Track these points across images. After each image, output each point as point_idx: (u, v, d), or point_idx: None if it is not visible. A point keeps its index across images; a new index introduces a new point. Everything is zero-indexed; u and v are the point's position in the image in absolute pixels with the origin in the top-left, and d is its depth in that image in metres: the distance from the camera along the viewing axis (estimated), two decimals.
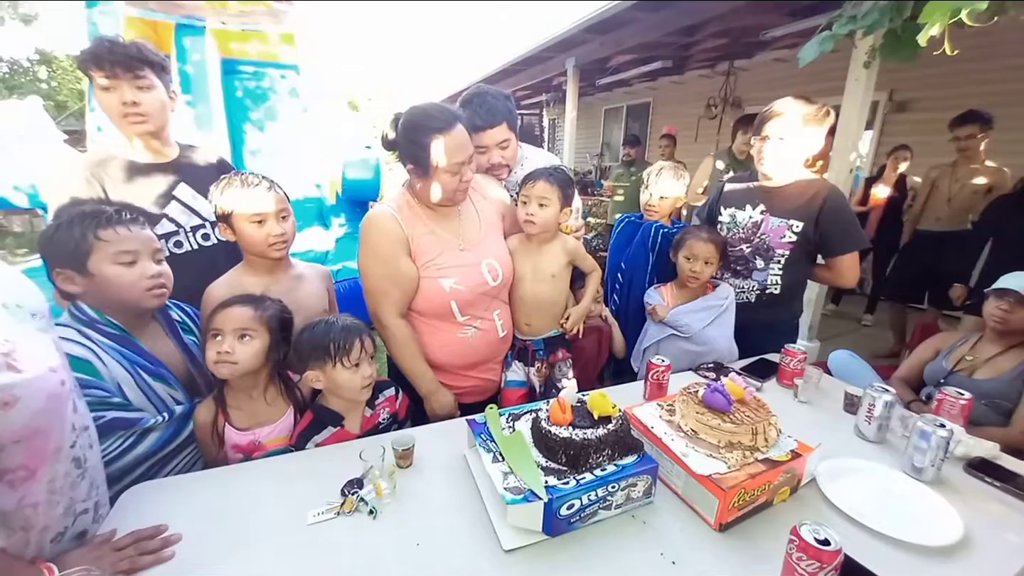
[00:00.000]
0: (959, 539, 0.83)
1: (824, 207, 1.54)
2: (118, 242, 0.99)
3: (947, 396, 1.15)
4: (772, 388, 1.43)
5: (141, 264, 1.03)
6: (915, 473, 1.01)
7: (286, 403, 1.13)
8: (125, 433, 0.97)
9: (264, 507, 0.90)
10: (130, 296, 1.02)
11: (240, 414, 1.09)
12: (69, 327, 0.97)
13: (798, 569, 0.69)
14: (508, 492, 0.81)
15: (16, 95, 6.99)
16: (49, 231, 0.99)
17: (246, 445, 1.09)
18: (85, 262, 0.97)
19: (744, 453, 0.92)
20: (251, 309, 1.06)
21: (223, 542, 0.82)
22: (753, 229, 1.67)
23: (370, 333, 1.14)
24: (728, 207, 1.75)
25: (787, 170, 1.60)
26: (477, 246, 1.35)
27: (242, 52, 3.95)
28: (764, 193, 1.66)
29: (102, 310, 1.01)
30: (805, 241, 1.59)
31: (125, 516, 0.87)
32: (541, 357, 1.47)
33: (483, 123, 1.44)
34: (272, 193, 1.22)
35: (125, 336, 1.02)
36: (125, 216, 1.03)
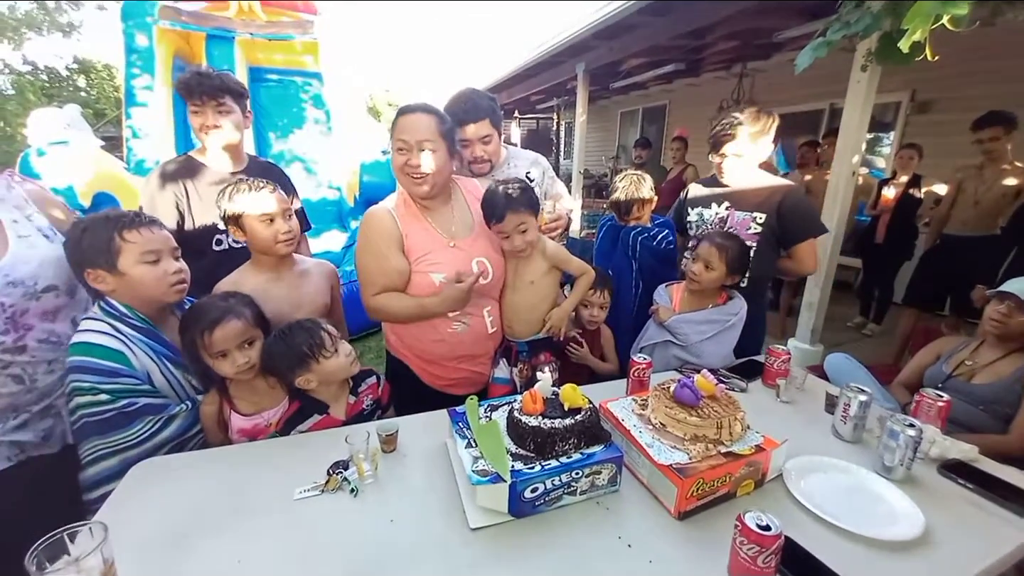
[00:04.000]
0: (917, 536, 0.85)
1: (784, 200, 1.68)
2: (143, 243, 1.09)
3: (925, 398, 1.16)
4: (757, 388, 1.45)
5: (164, 262, 1.13)
6: (885, 472, 1.02)
7: (284, 390, 1.22)
8: (154, 418, 1.07)
9: (257, 484, 0.98)
10: (156, 292, 1.13)
11: (244, 402, 1.18)
12: (100, 321, 1.06)
13: (740, 552, 0.73)
14: (475, 474, 0.86)
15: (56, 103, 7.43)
16: (75, 235, 1.08)
17: (251, 429, 1.17)
18: (116, 262, 1.07)
19: (707, 446, 0.96)
20: (238, 320, 1.12)
21: (219, 513, 0.90)
22: (720, 224, 1.78)
23: (327, 320, 1.24)
24: (695, 207, 1.88)
25: (744, 177, 1.76)
26: (468, 244, 1.41)
27: (268, 61, 4.14)
28: (727, 193, 1.79)
29: (131, 305, 1.10)
30: (770, 232, 1.70)
31: (135, 486, 0.97)
32: (524, 359, 1.52)
33: (466, 117, 1.56)
34: (276, 195, 1.32)
35: (151, 329, 1.12)
36: (145, 219, 1.13)
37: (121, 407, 1.03)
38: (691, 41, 4.34)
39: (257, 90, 4.07)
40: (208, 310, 1.11)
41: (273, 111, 4.21)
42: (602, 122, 9.80)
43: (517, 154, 1.83)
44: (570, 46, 4.94)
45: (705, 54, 5.16)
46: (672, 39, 4.04)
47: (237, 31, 3.88)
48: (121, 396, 1.03)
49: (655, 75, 6.15)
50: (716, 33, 4.05)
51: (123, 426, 1.03)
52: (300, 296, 1.36)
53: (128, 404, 1.03)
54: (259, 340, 1.16)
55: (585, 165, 6.53)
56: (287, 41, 4.09)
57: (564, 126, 10.65)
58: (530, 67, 6.29)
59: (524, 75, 6.78)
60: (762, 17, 3.65)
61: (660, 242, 1.83)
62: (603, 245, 1.91)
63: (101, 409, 1.01)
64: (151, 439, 1.06)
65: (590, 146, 9.51)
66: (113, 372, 1.02)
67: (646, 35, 4.12)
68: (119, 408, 1.02)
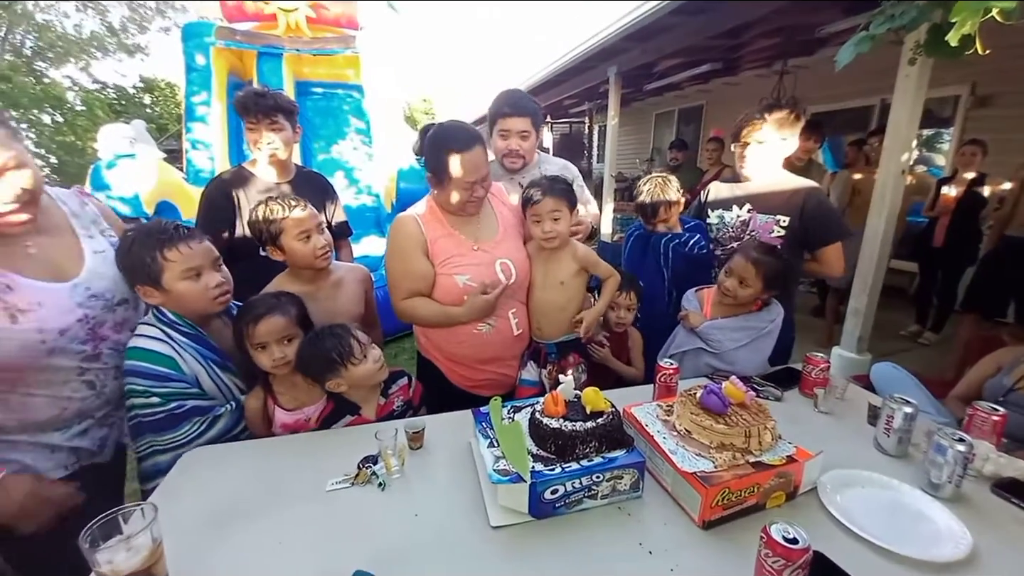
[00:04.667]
0: (963, 557, 0.80)
1: (806, 202, 1.64)
2: (183, 260, 1.12)
3: (978, 411, 1.08)
4: (793, 397, 1.39)
5: (205, 276, 1.17)
6: (932, 489, 0.96)
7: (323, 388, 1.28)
8: (201, 419, 1.15)
9: (293, 474, 1.04)
10: (200, 306, 1.18)
11: (286, 397, 1.24)
12: (154, 327, 1.14)
13: (765, 565, 0.71)
14: (496, 473, 0.88)
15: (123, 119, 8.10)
16: (122, 251, 1.13)
17: (293, 423, 1.24)
18: (160, 280, 1.11)
19: (735, 455, 0.93)
20: (282, 317, 1.19)
21: (258, 500, 0.96)
22: (742, 227, 1.74)
23: (357, 326, 1.26)
24: (715, 209, 1.84)
25: (766, 172, 1.72)
26: (492, 247, 1.44)
27: (313, 75, 4.38)
28: (748, 194, 1.75)
29: (179, 313, 1.17)
30: (792, 236, 1.65)
31: (184, 475, 1.04)
32: (553, 360, 1.52)
33: (510, 111, 1.67)
34: (309, 210, 1.38)
35: (199, 335, 1.19)
36: (183, 233, 1.15)
37: (171, 409, 1.11)
38: (728, 40, 4.22)
39: (303, 103, 4.29)
40: (257, 304, 1.19)
41: (317, 122, 4.43)
42: (636, 124, 9.66)
43: (548, 159, 1.88)
44: (602, 49, 4.91)
45: (743, 52, 5.01)
46: (708, 39, 3.95)
47: (285, 48, 4.11)
48: (171, 399, 1.10)
49: (691, 75, 6.02)
50: (755, 31, 3.93)
51: (173, 427, 1.11)
52: (335, 307, 1.40)
53: (178, 406, 1.11)
54: (298, 339, 1.22)
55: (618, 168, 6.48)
56: (331, 56, 4.30)
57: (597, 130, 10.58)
58: (562, 72, 6.30)
59: (556, 80, 6.80)
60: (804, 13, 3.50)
61: (692, 247, 1.78)
62: (632, 254, 1.88)
63: (153, 411, 1.09)
64: (199, 437, 1.14)
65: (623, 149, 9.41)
66: (164, 376, 1.10)
67: (680, 36, 4.04)
68: (169, 410, 1.10)
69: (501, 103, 1.69)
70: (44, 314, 1.02)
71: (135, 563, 0.67)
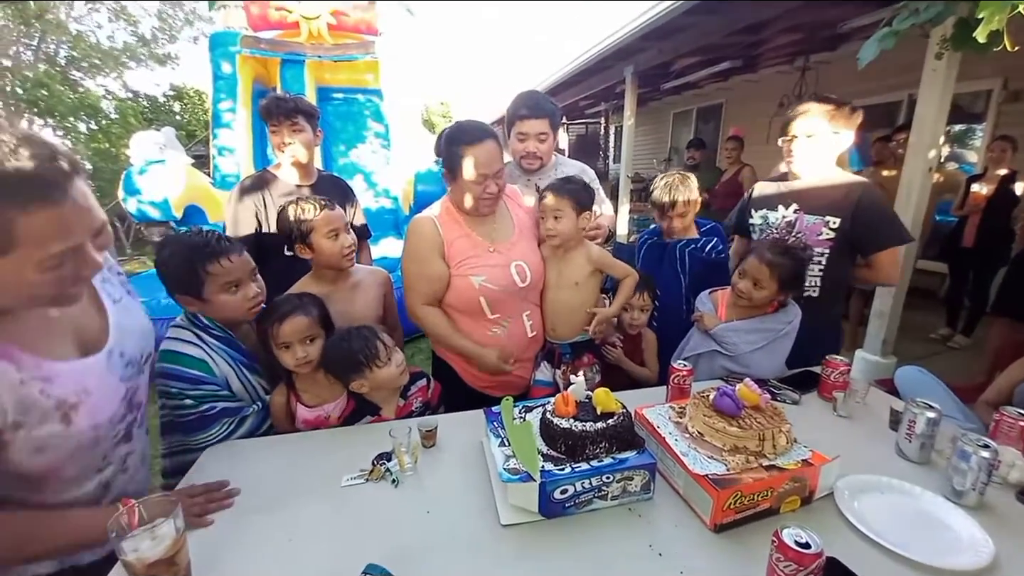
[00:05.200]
0: (985, 565, 0.77)
1: (860, 202, 1.52)
2: (224, 274, 1.14)
3: (1005, 416, 1.04)
4: (812, 401, 1.36)
5: (244, 288, 1.19)
6: (955, 497, 0.93)
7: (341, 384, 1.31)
8: (230, 420, 1.19)
9: (309, 469, 1.07)
10: (237, 315, 1.21)
11: (308, 395, 1.28)
12: (188, 330, 1.18)
13: (777, 570, 0.70)
14: (506, 472, 0.89)
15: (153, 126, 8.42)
16: (163, 259, 1.14)
17: (314, 419, 1.27)
18: (201, 292, 1.14)
19: (748, 458, 0.92)
20: (305, 317, 1.22)
21: (275, 494, 0.99)
22: (787, 229, 1.63)
23: (383, 329, 1.28)
24: (759, 209, 1.72)
25: (816, 168, 1.60)
26: (508, 249, 1.45)
27: (334, 80, 4.49)
28: (795, 193, 1.63)
29: (213, 319, 1.21)
30: (843, 238, 1.54)
31: (205, 469, 1.08)
32: (567, 361, 1.53)
33: (528, 113, 1.66)
34: (337, 211, 1.42)
35: (230, 338, 1.23)
36: (225, 246, 1.16)
37: (203, 411, 1.15)
38: (747, 37, 4.15)
39: (324, 108, 4.40)
40: (281, 305, 1.23)
41: (338, 127, 4.53)
42: (653, 124, 9.56)
43: (564, 162, 1.88)
44: (618, 49, 4.89)
45: (763, 49, 4.92)
46: (726, 36, 3.89)
47: (307, 54, 4.22)
48: (203, 401, 1.15)
49: (709, 73, 5.94)
50: (774, 28, 3.85)
51: (204, 428, 1.15)
52: (353, 310, 1.42)
53: (209, 408, 1.15)
54: (320, 339, 1.25)
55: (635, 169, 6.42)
56: (351, 61, 4.40)
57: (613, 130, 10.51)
58: (578, 72, 6.29)
59: (572, 81, 6.79)
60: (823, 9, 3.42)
61: (710, 252, 1.76)
62: (647, 263, 1.84)
63: (186, 412, 1.14)
64: (227, 437, 1.18)
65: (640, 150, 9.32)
66: (197, 380, 1.14)
67: (697, 35, 4.00)
68: (201, 412, 1.14)
69: (519, 105, 1.70)
70: (94, 403, 0.82)
71: (159, 552, 0.70)
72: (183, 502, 0.88)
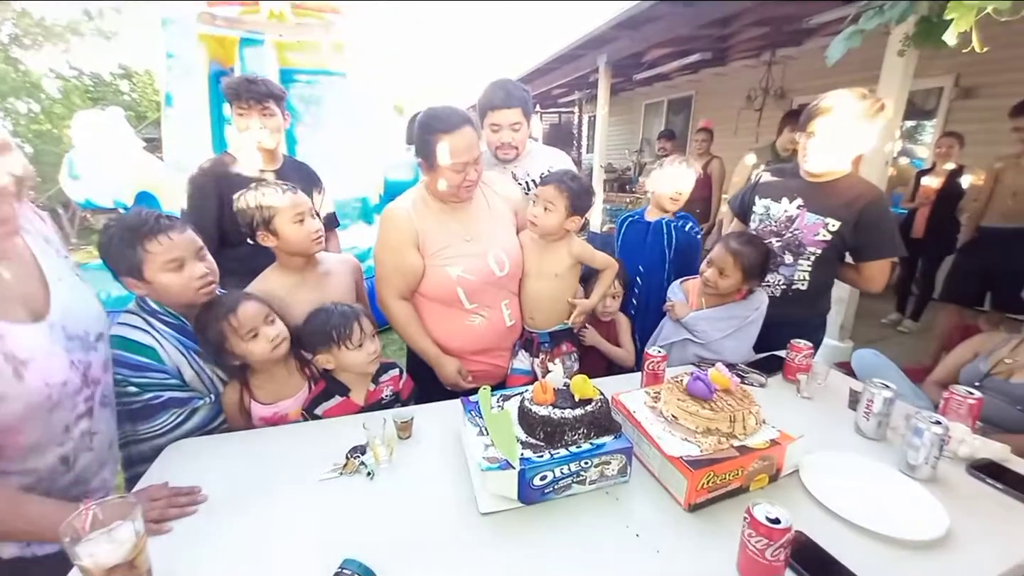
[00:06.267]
0: (939, 536, 0.82)
1: (866, 210, 1.50)
2: (163, 252, 1.07)
3: (954, 395, 1.11)
4: (777, 383, 1.42)
5: (188, 267, 1.12)
6: (909, 471, 0.99)
7: (303, 377, 1.27)
8: (178, 411, 1.13)
9: (280, 465, 1.03)
10: (184, 297, 1.13)
11: (264, 391, 1.23)
12: (137, 316, 1.12)
13: (749, 545, 0.73)
14: (485, 460, 0.88)
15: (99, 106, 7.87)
16: (105, 242, 1.08)
17: (271, 417, 1.23)
18: (141, 272, 1.07)
19: (720, 439, 0.95)
20: (254, 301, 1.18)
21: (245, 491, 0.96)
22: (786, 223, 1.63)
23: (367, 314, 1.25)
24: (763, 197, 1.70)
25: (832, 167, 1.54)
26: (485, 238, 1.43)
27: (297, 62, 4.27)
28: (804, 187, 1.60)
29: (163, 304, 1.14)
30: (840, 242, 1.55)
31: (168, 466, 1.03)
32: (546, 349, 1.53)
33: (501, 103, 1.62)
34: (300, 195, 1.35)
35: (182, 324, 1.16)
36: (164, 223, 1.10)
37: (148, 399, 1.09)
38: (717, 30, 4.22)
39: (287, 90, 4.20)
40: (222, 300, 1.16)
41: (302, 110, 4.34)
42: (625, 115, 9.64)
43: (540, 148, 1.86)
44: (591, 38, 4.88)
45: (732, 42, 5.01)
46: (697, 28, 3.94)
47: (268, 34, 4.00)
48: (148, 389, 1.09)
49: (680, 65, 6.01)
50: (744, 20, 3.93)
51: (148, 418, 1.09)
52: (323, 298, 1.34)
53: (154, 397, 1.09)
54: (278, 320, 1.21)
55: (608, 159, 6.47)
56: (315, 42, 4.20)
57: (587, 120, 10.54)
58: (551, 61, 6.25)
59: (545, 69, 6.74)
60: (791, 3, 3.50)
61: (690, 231, 1.81)
62: (629, 241, 1.87)
63: (130, 400, 1.08)
64: (175, 429, 1.12)
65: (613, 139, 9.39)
66: (143, 367, 1.08)
67: (669, 25, 4.03)
68: (146, 400, 1.08)
69: (490, 95, 1.65)
70: (43, 364, 0.83)
71: (118, 556, 0.66)
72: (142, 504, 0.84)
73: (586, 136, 10.74)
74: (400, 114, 6.73)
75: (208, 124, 3.99)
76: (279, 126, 1.73)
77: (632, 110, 9.45)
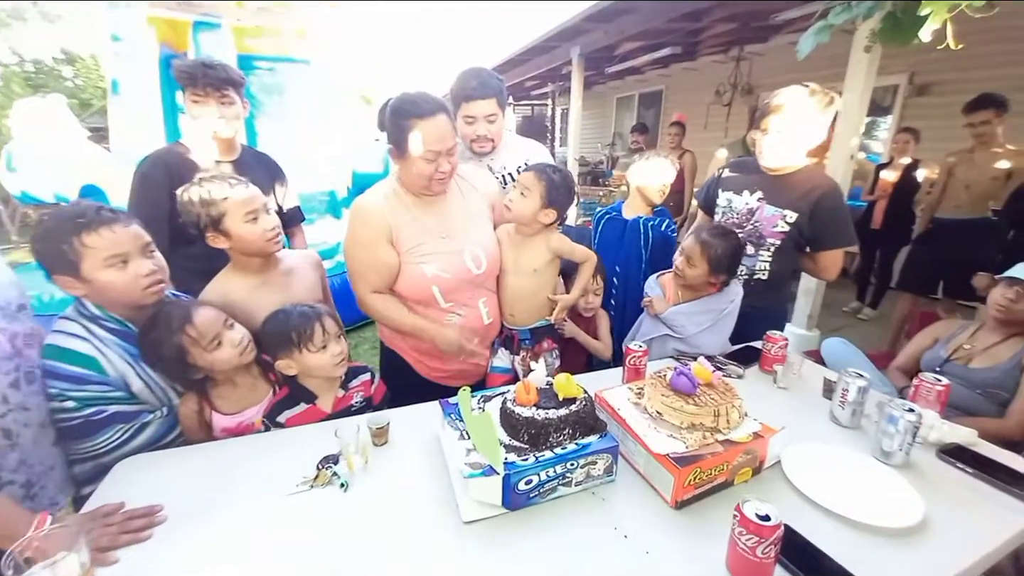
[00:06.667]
0: (917, 522, 0.84)
1: (820, 202, 1.55)
2: (106, 247, 0.98)
3: (923, 382, 1.14)
4: (754, 374, 1.43)
5: (133, 263, 1.02)
6: (884, 457, 1.01)
7: (267, 384, 1.19)
8: (125, 426, 1.02)
9: (244, 480, 0.96)
10: (129, 298, 1.03)
11: (226, 401, 1.14)
12: (75, 322, 1.01)
13: (739, 543, 0.72)
14: (468, 467, 0.84)
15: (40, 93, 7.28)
16: (38, 236, 0.99)
17: (235, 427, 1.14)
18: (79, 269, 0.97)
19: (704, 434, 0.94)
20: (207, 307, 1.10)
21: (207, 508, 0.88)
22: (747, 215, 1.68)
23: (331, 314, 1.18)
24: (726, 191, 1.76)
25: (786, 162, 1.60)
26: (461, 234, 1.37)
27: (257, 48, 4.05)
28: (763, 180, 1.66)
29: (105, 307, 1.03)
30: (797, 232, 1.60)
31: (118, 484, 0.94)
32: (526, 347, 1.50)
33: (475, 94, 1.54)
34: (252, 188, 1.23)
35: (127, 330, 1.05)
36: (106, 215, 1.00)
37: (88, 415, 0.98)
38: (688, 24, 4.26)
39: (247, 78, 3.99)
40: (172, 312, 1.05)
41: (264, 100, 4.12)
42: (597, 108, 9.69)
43: (517, 141, 1.80)
44: (565, 29, 4.84)
45: (702, 37, 5.08)
46: (668, 21, 3.97)
47: (225, 17, 3.78)
48: (88, 404, 0.98)
49: (651, 59, 6.06)
50: (713, 15, 3.98)
51: (91, 434, 0.99)
52: (291, 297, 1.25)
53: (96, 412, 0.99)
54: (239, 324, 1.13)
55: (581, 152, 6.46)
56: (276, 27, 4.00)
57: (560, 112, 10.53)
58: (524, 52, 6.18)
59: (518, 60, 6.67)
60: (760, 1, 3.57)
61: (666, 229, 1.80)
62: (606, 238, 1.84)
63: (68, 416, 0.98)
64: (122, 447, 1.02)
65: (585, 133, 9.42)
66: (81, 379, 0.97)
67: (642, 17, 4.04)
68: (86, 416, 0.98)
69: (463, 85, 1.55)
70: None
71: None
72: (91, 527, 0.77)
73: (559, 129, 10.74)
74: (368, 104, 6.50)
75: (160, 112, 3.74)
76: (238, 114, 1.61)
77: (604, 104, 9.50)
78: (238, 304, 1.17)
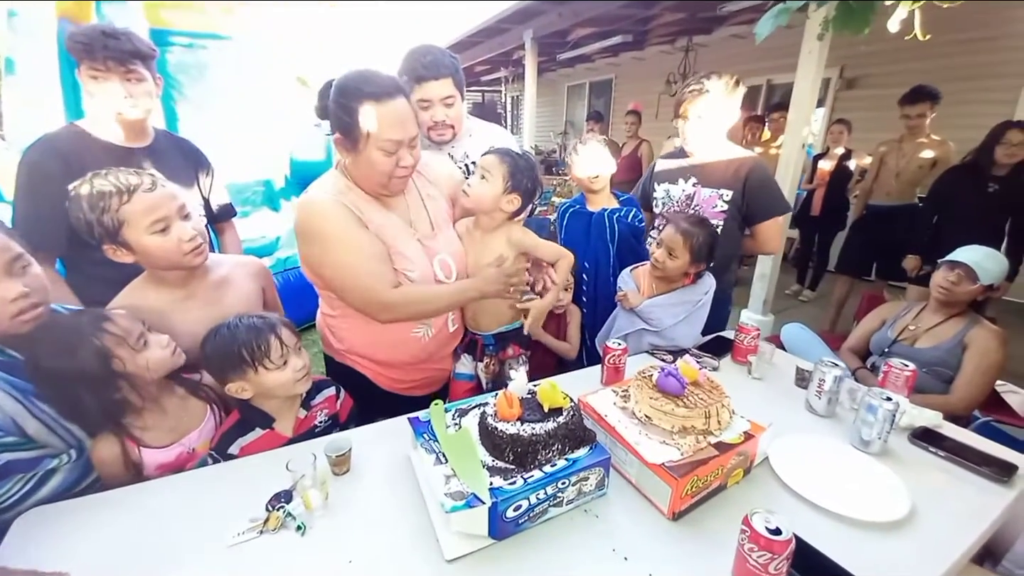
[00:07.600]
0: (907, 513, 0.84)
1: (749, 176, 1.63)
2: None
3: (892, 368, 1.17)
4: (727, 365, 1.42)
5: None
6: (863, 446, 1.02)
7: (202, 403, 1.02)
8: (24, 476, 0.83)
9: (178, 528, 0.80)
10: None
11: (155, 432, 0.96)
12: None
13: (750, 560, 0.67)
14: (449, 498, 0.74)
15: None
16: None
17: (175, 459, 0.97)
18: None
19: (697, 438, 0.89)
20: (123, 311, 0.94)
21: (127, 569, 0.72)
22: (687, 201, 1.74)
23: (286, 323, 1.03)
24: (662, 183, 1.83)
25: (710, 145, 1.69)
26: (430, 240, 1.23)
27: (174, 22, 3.58)
28: (694, 167, 1.74)
29: None
30: (735, 210, 1.68)
31: (17, 545, 0.76)
32: (490, 353, 1.39)
33: (427, 73, 1.38)
34: (162, 188, 1.01)
35: (10, 360, 0.85)
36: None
37: None
38: (641, 10, 4.26)
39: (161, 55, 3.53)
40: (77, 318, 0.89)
41: (182, 79, 3.67)
42: (549, 96, 9.64)
43: (480, 126, 1.65)
44: (516, 11, 4.70)
45: (652, 26, 5.12)
46: (622, 6, 3.94)
47: None
48: None
49: (601, 47, 6.05)
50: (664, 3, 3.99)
51: None
52: (224, 314, 1.03)
53: None
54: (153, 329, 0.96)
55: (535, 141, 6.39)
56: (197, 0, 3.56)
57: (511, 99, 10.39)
58: (475, 34, 5.96)
59: (468, 42, 6.43)
60: None
61: (632, 220, 1.74)
62: (572, 232, 1.75)
63: None
64: (23, 501, 0.83)
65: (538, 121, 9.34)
66: None
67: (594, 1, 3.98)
68: None
69: (413, 64, 1.37)
70: None
71: None
72: None
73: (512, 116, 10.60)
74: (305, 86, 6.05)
75: (60, 95, 3.24)
76: (149, 92, 1.36)
77: (555, 92, 9.46)
78: (155, 322, 0.97)
